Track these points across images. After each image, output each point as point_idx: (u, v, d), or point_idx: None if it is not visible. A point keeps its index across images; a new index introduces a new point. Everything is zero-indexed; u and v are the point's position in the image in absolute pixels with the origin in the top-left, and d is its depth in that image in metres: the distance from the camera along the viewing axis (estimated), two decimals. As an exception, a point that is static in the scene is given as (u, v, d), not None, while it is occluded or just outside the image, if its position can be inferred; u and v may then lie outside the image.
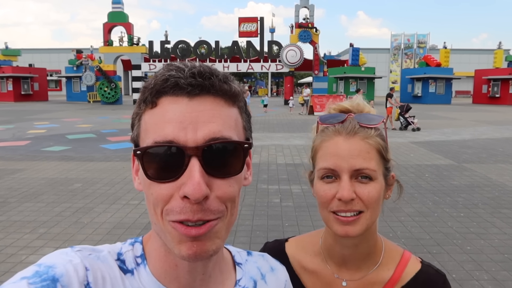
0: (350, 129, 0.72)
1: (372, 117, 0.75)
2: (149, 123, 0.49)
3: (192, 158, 0.46)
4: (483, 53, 51.64)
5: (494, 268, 3.28)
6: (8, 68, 32.33)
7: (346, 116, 0.75)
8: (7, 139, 10.84)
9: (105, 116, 18.63)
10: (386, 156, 0.74)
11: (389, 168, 0.76)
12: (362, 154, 0.70)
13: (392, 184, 0.78)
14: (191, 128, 0.47)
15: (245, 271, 0.63)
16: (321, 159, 0.73)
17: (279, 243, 0.88)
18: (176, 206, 0.47)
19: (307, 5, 28.17)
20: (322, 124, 0.77)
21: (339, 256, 0.80)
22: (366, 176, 0.70)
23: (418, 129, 13.23)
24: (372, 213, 0.71)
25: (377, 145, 0.72)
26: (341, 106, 0.79)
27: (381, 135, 0.75)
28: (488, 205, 5.04)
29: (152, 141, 0.47)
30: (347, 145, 0.71)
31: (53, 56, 52.77)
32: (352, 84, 29.96)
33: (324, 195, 0.72)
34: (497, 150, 9.38)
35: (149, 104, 0.50)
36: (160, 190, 0.47)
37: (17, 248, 3.64)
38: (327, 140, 0.74)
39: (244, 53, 28.40)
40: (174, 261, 0.53)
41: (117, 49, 29.27)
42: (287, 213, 4.68)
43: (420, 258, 0.82)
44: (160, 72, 0.50)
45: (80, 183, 6.06)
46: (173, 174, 0.46)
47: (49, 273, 0.44)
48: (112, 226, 4.24)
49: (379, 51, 51.45)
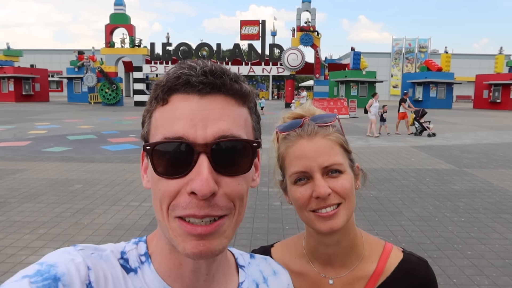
0: (310, 131, 0.76)
1: (326, 116, 0.79)
2: (160, 120, 0.50)
3: (201, 155, 0.46)
4: (484, 58, 51.72)
5: (495, 273, 3.26)
6: (10, 68, 32.43)
7: (302, 120, 0.78)
8: (8, 140, 10.85)
9: (106, 118, 18.65)
10: (348, 148, 0.78)
11: (353, 159, 0.80)
12: (326, 151, 0.74)
13: (358, 174, 0.81)
14: (201, 126, 0.47)
15: (248, 274, 0.63)
16: (290, 165, 0.76)
17: (265, 249, 0.90)
18: (182, 202, 0.47)
19: (308, 8, 28.26)
20: (282, 133, 0.80)
21: (323, 255, 0.81)
22: (336, 170, 0.73)
23: (433, 135, 12.71)
24: (349, 203, 0.74)
25: (338, 140, 0.76)
26: (294, 114, 0.83)
27: (339, 131, 0.79)
28: (489, 210, 5.03)
29: (162, 137, 0.48)
30: (312, 145, 0.74)
31: (54, 57, 52.92)
32: (353, 88, 30.01)
33: (301, 197, 0.74)
34: (498, 155, 9.37)
35: (160, 101, 0.50)
36: (167, 186, 0.47)
37: (17, 249, 3.64)
38: (291, 146, 0.76)
39: (246, 56, 28.47)
40: (178, 260, 0.53)
41: (118, 51, 29.35)
42: (288, 216, 4.67)
43: (402, 248, 0.84)
44: (173, 70, 0.50)
45: (80, 184, 6.06)
46: (182, 170, 0.47)
47: (50, 272, 0.44)
48: (112, 227, 4.23)
49: (380, 55, 51.54)
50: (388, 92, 50.29)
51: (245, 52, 28.91)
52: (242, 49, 28.88)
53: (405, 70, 48.70)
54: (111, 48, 29.21)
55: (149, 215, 4.59)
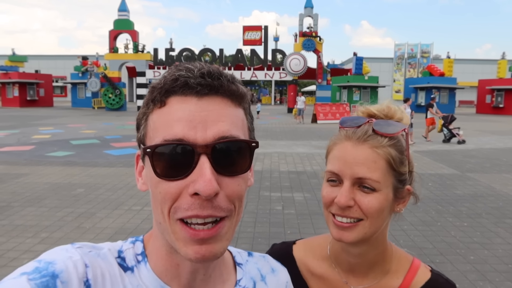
0: (360, 135, 0.70)
1: (390, 124, 0.71)
2: (158, 122, 0.49)
3: (201, 156, 0.47)
4: (486, 63, 51.62)
5: (498, 279, 3.24)
6: (15, 74, 32.70)
7: (366, 120, 0.73)
8: (12, 144, 10.91)
9: (109, 122, 18.73)
10: (398, 168, 0.70)
11: (404, 180, 0.73)
12: (367, 163, 0.68)
13: (405, 197, 0.75)
14: (201, 127, 0.47)
15: (246, 271, 0.63)
16: (329, 162, 0.74)
17: (287, 245, 0.87)
18: (184, 203, 0.47)
19: (311, 14, 28.38)
20: (341, 126, 0.76)
21: (346, 262, 0.79)
22: (368, 186, 0.68)
23: (463, 142, 11.84)
24: (372, 223, 0.70)
25: (386, 156, 0.69)
26: (368, 110, 0.77)
27: (396, 146, 0.71)
28: (492, 214, 5.00)
29: (162, 139, 0.48)
30: (354, 152, 0.70)
31: (59, 62, 53.32)
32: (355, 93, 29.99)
33: (326, 196, 0.72)
34: (501, 160, 9.32)
35: (158, 103, 0.50)
36: (168, 188, 0.47)
37: (19, 252, 3.65)
38: (337, 144, 0.73)
39: (248, 61, 28.57)
40: (176, 261, 0.53)
41: (122, 56, 29.55)
42: (289, 220, 4.66)
43: (430, 267, 0.81)
44: (170, 72, 0.50)
45: (83, 188, 6.08)
46: (182, 172, 0.47)
47: (48, 269, 0.44)
48: (114, 231, 4.24)
49: (382, 60, 51.57)
50: (391, 97, 49.57)
51: (247, 57, 29.01)
52: (245, 54, 29.00)
53: (407, 75, 48.66)
54: (114, 54, 29.42)
55: (151, 219, 4.53)
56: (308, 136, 13.97)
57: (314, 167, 8.03)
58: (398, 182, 0.71)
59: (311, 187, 6.30)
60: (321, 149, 10.79)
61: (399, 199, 0.74)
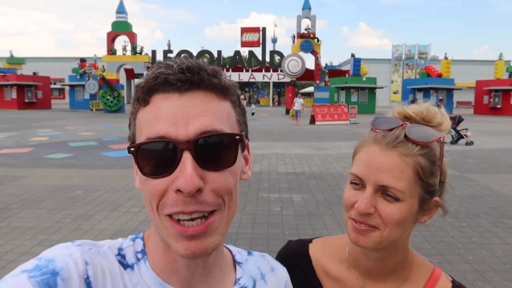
0: (390, 141, 0.66)
1: (425, 132, 0.66)
2: (143, 121, 0.50)
3: (184, 152, 0.47)
4: (484, 64, 51.84)
5: (497, 278, 3.25)
6: (13, 76, 32.63)
7: (400, 123, 0.67)
8: (10, 146, 10.88)
9: (108, 124, 18.71)
10: (427, 179, 0.66)
11: (433, 192, 0.68)
12: (393, 171, 0.64)
13: (431, 209, 0.71)
14: (182, 123, 0.47)
15: (245, 270, 0.63)
16: (355, 164, 0.71)
17: (303, 244, 0.85)
18: (169, 200, 0.47)
19: (309, 15, 28.46)
20: (372, 127, 0.71)
21: (364, 266, 0.77)
22: (392, 195, 0.64)
23: (471, 143, 11.81)
24: (390, 232, 0.66)
25: (415, 165, 0.65)
26: (404, 111, 0.72)
27: (428, 155, 0.66)
28: (490, 215, 5.01)
29: (145, 137, 0.48)
30: (381, 157, 0.65)
31: (57, 64, 53.25)
32: (353, 94, 30.07)
33: (348, 199, 0.70)
34: (499, 160, 9.35)
35: (142, 102, 0.51)
36: (154, 185, 0.48)
37: (17, 254, 3.64)
38: (365, 146, 0.69)
39: (246, 62, 28.63)
40: (173, 256, 0.53)
41: (120, 58, 29.54)
42: (288, 221, 4.66)
43: (451, 277, 0.78)
44: (151, 70, 0.51)
45: (81, 190, 6.06)
46: (167, 169, 0.47)
47: (49, 267, 0.45)
48: (112, 233, 4.23)
49: (380, 61, 51.72)
50: (389, 98, 50.35)
51: (245, 59, 29.07)
52: (243, 56, 29.06)
53: (405, 76, 48.82)
54: (112, 56, 29.40)
55: (149, 221, 4.54)
56: (307, 137, 13.99)
57: (313, 168, 8.04)
58: (425, 193, 0.67)
59: (310, 188, 6.30)
60: (320, 150, 10.81)
61: (425, 211, 0.70)
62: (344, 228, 0.73)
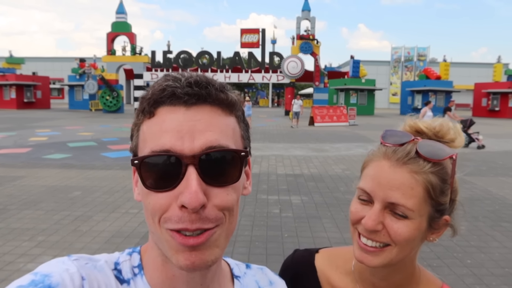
0: (400, 157, 0.64)
1: (437, 148, 0.64)
2: (147, 133, 0.49)
3: (189, 166, 0.46)
4: (482, 67, 51.98)
5: (495, 282, 3.25)
6: (12, 76, 32.58)
7: (410, 138, 0.66)
8: (8, 146, 10.85)
9: (107, 125, 18.68)
10: (437, 198, 0.65)
11: (442, 210, 0.67)
12: (403, 188, 0.62)
13: (440, 228, 0.69)
14: (188, 137, 0.47)
15: (243, 284, 0.63)
16: (363, 178, 0.69)
17: (309, 254, 0.84)
18: (174, 216, 0.46)
19: (308, 17, 28.50)
20: (382, 142, 0.69)
21: (369, 282, 0.75)
22: (400, 213, 0.63)
23: (483, 147, 11.60)
24: (399, 250, 0.65)
25: (425, 183, 0.63)
26: (416, 125, 0.70)
27: (439, 173, 0.64)
28: (489, 218, 5.02)
29: (150, 150, 0.48)
30: (391, 174, 0.64)
31: (56, 64, 53.19)
32: (352, 96, 30.11)
33: (355, 213, 0.69)
34: (497, 163, 9.37)
35: (147, 114, 0.50)
36: (157, 199, 0.47)
37: (15, 256, 3.62)
38: (374, 160, 0.68)
39: (246, 63, 28.63)
40: (171, 272, 0.52)
41: (119, 59, 29.52)
42: (287, 223, 4.66)
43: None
44: (158, 83, 0.50)
45: (79, 191, 6.05)
46: (171, 183, 0.46)
47: (45, 282, 0.44)
48: (111, 234, 4.22)
49: (379, 63, 51.83)
50: (388, 100, 50.44)
51: (245, 60, 29.08)
52: (242, 57, 29.04)
53: (404, 78, 48.90)
54: (112, 56, 29.38)
55: (148, 223, 4.57)
56: (306, 139, 13.99)
57: (312, 170, 8.04)
58: (435, 212, 0.66)
59: (309, 190, 6.31)
60: (319, 152, 10.82)
61: (434, 229, 0.68)
62: (343, 231, 0.73)
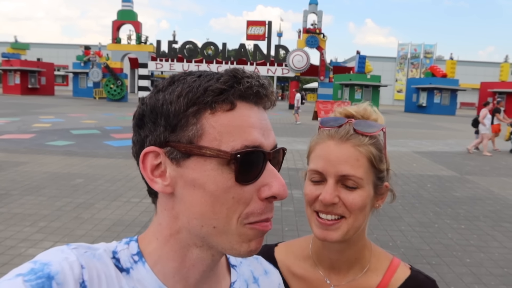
0: (343, 135, 0.73)
1: (370, 125, 0.75)
2: (231, 126, 0.48)
3: (267, 161, 0.51)
4: (489, 66, 51.46)
5: (494, 282, 3.25)
6: (17, 61, 32.61)
7: (346, 121, 0.76)
8: (12, 132, 10.91)
9: (110, 113, 18.72)
10: (378, 166, 0.74)
11: (382, 177, 0.76)
12: (350, 161, 0.71)
13: (383, 194, 0.78)
14: (267, 135, 0.52)
15: (240, 273, 0.64)
16: (312, 161, 0.75)
17: (268, 248, 0.88)
18: (257, 209, 0.50)
19: (315, 11, 28.24)
20: (321, 126, 0.78)
21: (327, 260, 0.80)
22: (352, 182, 0.71)
23: None
24: (355, 219, 0.72)
25: (368, 154, 0.72)
26: (346, 111, 0.80)
27: (376, 144, 0.74)
28: (489, 218, 5.01)
29: (241, 144, 0.48)
30: (337, 150, 0.72)
31: (61, 51, 53.14)
32: (357, 91, 29.94)
33: (310, 194, 0.74)
34: (500, 163, 9.33)
35: (227, 105, 0.49)
36: (242, 192, 0.49)
37: (16, 241, 3.66)
38: (320, 143, 0.75)
39: (251, 56, 28.47)
40: (191, 262, 0.53)
41: (125, 47, 29.45)
42: (287, 217, 4.67)
43: (409, 265, 0.82)
44: (238, 76, 0.50)
45: (82, 178, 6.08)
46: (253, 176, 0.50)
47: (44, 271, 0.44)
48: (112, 223, 4.25)
49: (385, 59, 51.39)
50: (392, 97, 50.14)
51: (250, 52, 28.90)
52: (248, 49, 28.88)
53: (410, 75, 48.53)
54: (117, 44, 29.31)
55: (149, 212, 4.60)
56: (309, 133, 13.96)
57: (314, 165, 8.03)
58: (377, 179, 0.75)
59: (310, 185, 6.31)
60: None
61: (379, 196, 0.77)
62: None
